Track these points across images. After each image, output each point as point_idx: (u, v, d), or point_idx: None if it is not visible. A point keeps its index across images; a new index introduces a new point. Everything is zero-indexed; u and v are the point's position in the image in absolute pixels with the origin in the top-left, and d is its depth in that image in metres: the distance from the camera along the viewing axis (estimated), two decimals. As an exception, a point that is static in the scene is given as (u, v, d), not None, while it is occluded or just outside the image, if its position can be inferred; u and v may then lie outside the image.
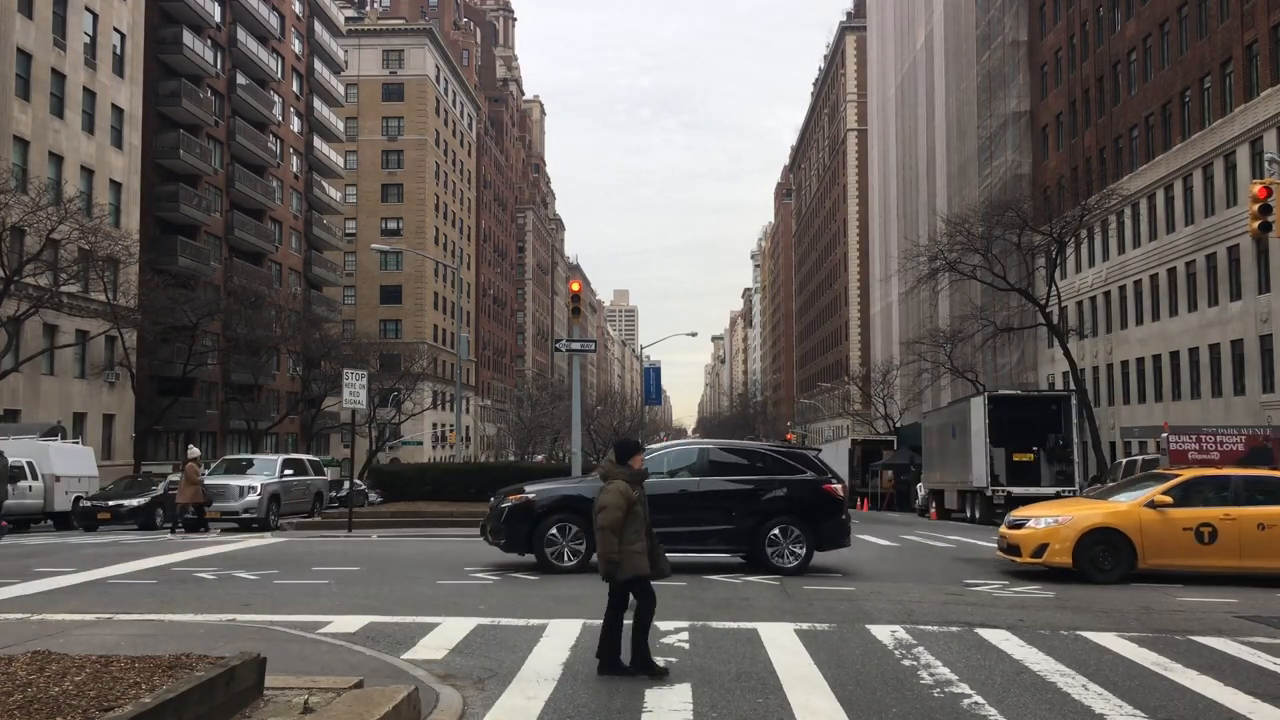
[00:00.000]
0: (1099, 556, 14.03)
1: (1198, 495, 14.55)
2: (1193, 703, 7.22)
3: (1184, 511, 14.19)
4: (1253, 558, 14.09)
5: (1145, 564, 14.07)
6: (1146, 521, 14.15)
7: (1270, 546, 14.08)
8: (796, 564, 14.51)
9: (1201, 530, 14.06)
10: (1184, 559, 14.16)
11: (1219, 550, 14.04)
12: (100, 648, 7.55)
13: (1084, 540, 14.03)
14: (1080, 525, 14.14)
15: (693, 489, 14.68)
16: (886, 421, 70.91)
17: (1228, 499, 14.41)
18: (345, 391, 23.46)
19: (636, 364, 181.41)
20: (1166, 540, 14.09)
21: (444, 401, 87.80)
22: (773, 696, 7.15)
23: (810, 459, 15.35)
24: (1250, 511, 14.16)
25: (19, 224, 34.35)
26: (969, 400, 34.64)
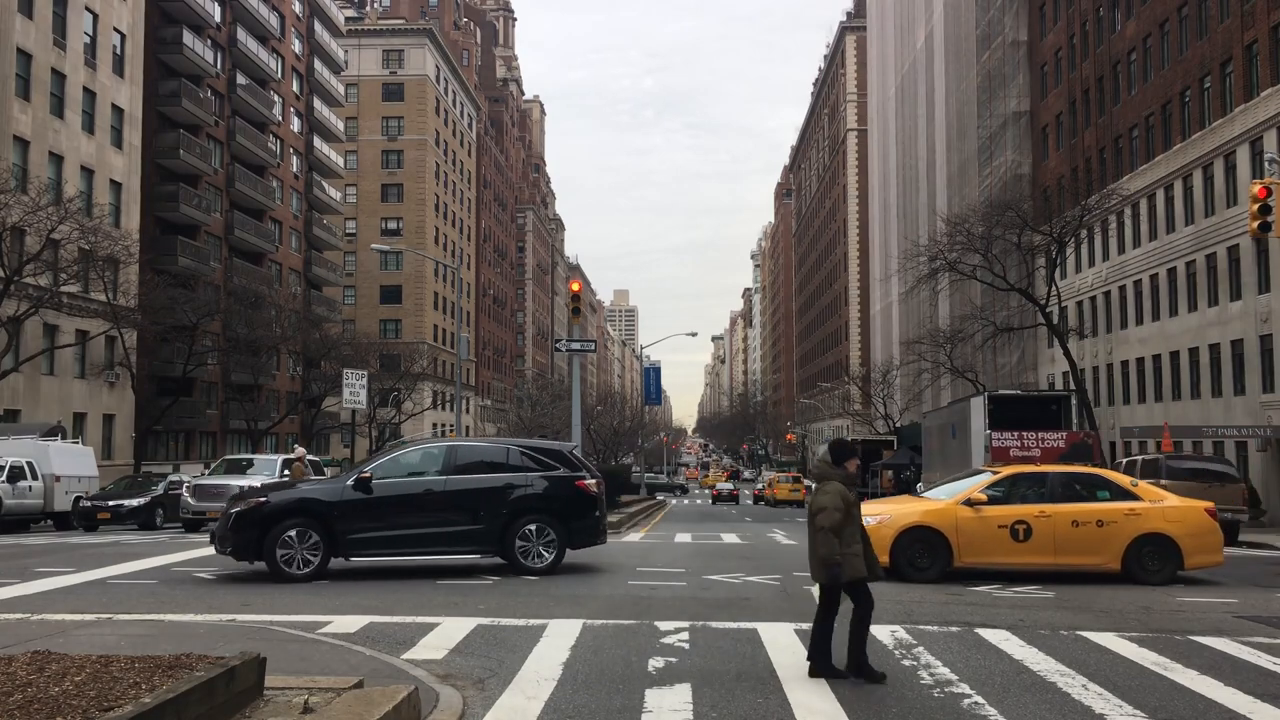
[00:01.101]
0: (915, 555, 13.92)
1: (1015, 493, 14.49)
2: (1193, 703, 7.22)
3: (999, 509, 14.12)
4: (1067, 554, 14.03)
5: (961, 562, 13.98)
6: (963, 519, 14.03)
7: (1083, 543, 14.02)
8: (547, 564, 13.98)
9: (1016, 528, 13.98)
10: (1000, 556, 14.08)
11: (1033, 547, 13.97)
12: (100, 648, 7.55)
13: (901, 539, 13.89)
14: (898, 524, 14.00)
15: (439, 488, 13.93)
16: (886, 421, 70.92)
17: (1044, 496, 14.33)
18: (345, 391, 23.53)
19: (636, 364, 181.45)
20: (982, 538, 13.99)
21: (444, 401, 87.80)
22: (773, 696, 7.15)
23: (565, 454, 14.73)
24: (1065, 509, 14.11)
25: (19, 224, 34.35)
26: (969, 400, 34.64)
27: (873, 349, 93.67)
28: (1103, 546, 14.01)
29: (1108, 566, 14.05)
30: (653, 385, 66.30)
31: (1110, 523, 14.02)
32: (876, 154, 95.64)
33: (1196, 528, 14.18)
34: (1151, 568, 14.00)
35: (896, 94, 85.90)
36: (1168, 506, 14.32)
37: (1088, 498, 14.41)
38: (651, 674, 7.81)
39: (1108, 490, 14.57)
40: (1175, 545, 14.01)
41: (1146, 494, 14.50)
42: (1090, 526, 13.99)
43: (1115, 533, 13.99)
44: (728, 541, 22.30)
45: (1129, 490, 14.47)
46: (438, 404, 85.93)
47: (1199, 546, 14.12)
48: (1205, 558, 14.25)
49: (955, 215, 47.31)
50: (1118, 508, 14.17)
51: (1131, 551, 13.98)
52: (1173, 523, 14.10)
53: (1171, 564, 14.03)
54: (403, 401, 62.17)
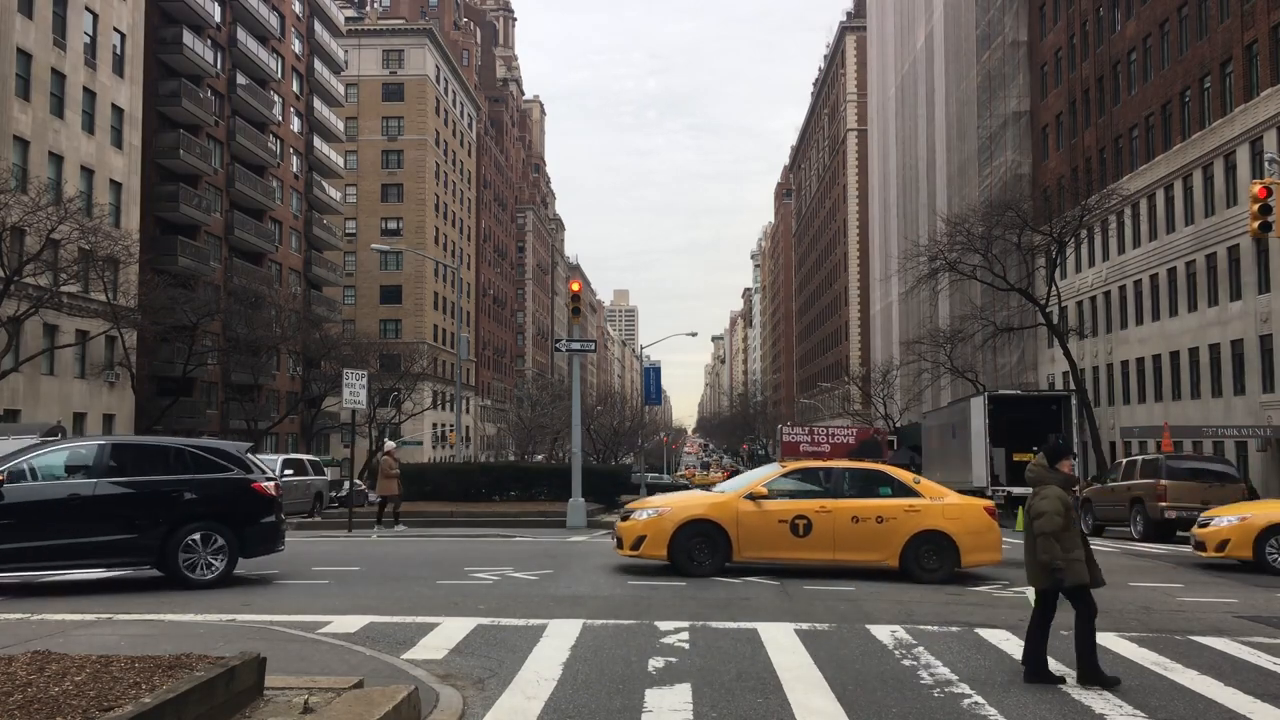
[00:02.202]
0: (694, 549, 13.80)
1: (799, 488, 14.42)
2: (1193, 703, 7.22)
3: (780, 504, 14.01)
4: (846, 551, 13.93)
5: (741, 556, 13.88)
6: (744, 514, 13.90)
7: (863, 539, 13.88)
8: (216, 576, 12.63)
9: (797, 523, 13.85)
10: (779, 552, 13.96)
11: (813, 543, 13.86)
12: (100, 648, 7.55)
13: (680, 533, 13.78)
14: (678, 517, 13.92)
15: (87, 493, 12.27)
16: (886, 421, 70.90)
17: (828, 492, 14.23)
18: (345, 391, 23.48)
19: (636, 364, 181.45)
20: (762, 532, 13.87)
21: (444, 401, 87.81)
22: (773, 696, 7.15)
23: (237, 455, 13.46)
24: (846, 504, 13.99)
25: (19, 224, 34.35)
26: (969, 400, 34.64)
27: (873, 349, 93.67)
28: (882, 543, 13.89)
29: (886, 563, 13.93)
30: (653, 385, 66.26)
31: (890, 519, 13.90)
32: (876, 154, 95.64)
33: (975, 525, 14.09)
34: (929, 565, 13.87)
35: (896, 94, 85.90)
36: (947, 504, 14.20)
37: (871, 494, 14.29)
38: (651, 674, 7.81)
39: (890, 486, 14.43)
40: (953, 543, 13.88)
41: (928, 491, 14.40)
42: (870, 523, 13.90)
43: (895, 529, 13.87)
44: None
45: (911, 487, 14.38)
46: (438, 404, 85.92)
47: (977, 544, 14.02)
48: (983, 555, 14.18)
49: (955, 215, 47.32)
50: (898, 504, 14.05)
51: (910, 549, 13.86)
52: (952, 520, 13.99)
53: (949, 562, 13.91)
54: (403, 401, 62.16)
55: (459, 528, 24.04)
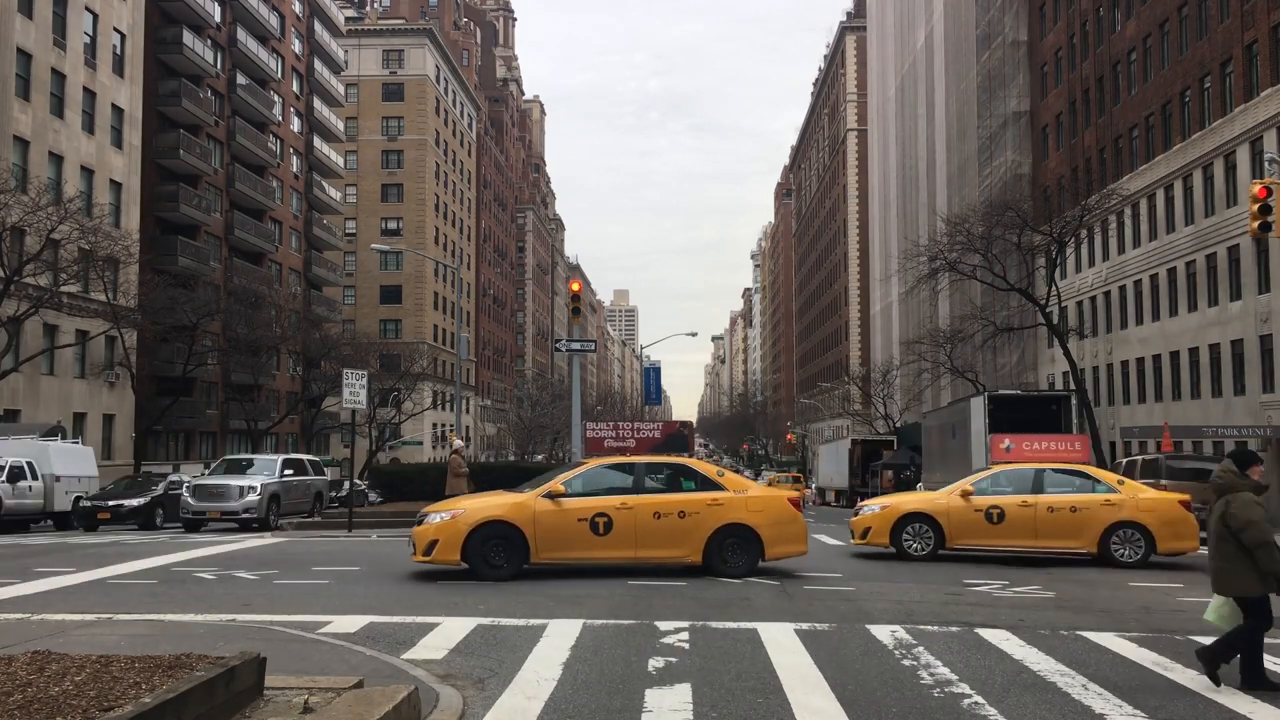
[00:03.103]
0: (490, 552, 13.26)
1: (600, 484, 13.98)
2: (1193, 703, 7.22)
3: (580, 502, 13.56)
4: (648, 547, 13.64)
5: (539, 558, 13.44)
6: (541, 513, 13.42)
7: (665, 535, 13.60)
8: None
9: (597, 521, 13.47)
10: (580, 551, 13.57)
11: (614, 541, 13.50)
12: (100, 648, 7.55)
13: (474, 536, 13.20)
14: (473, 519, 13.32)
15: None
16: (886, 421, 70.94)
17: (630, 488, 13.87)
18: (345, 391, 23.47)
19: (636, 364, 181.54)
20: (561, 532, 13.45)
21: (444, 401, 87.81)
22: (773, 696, 7.15)
23: None
24: (649, 500, 13.68)
25: (19, 224, 34.36)
26: (969, 400, 34.65)
27: (873, 349, 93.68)
28: (685, 538, 13.65)
29: (689, 559, 13.72)
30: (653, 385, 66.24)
31: (693, 514, 13.66)
32: (876, 154, 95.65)
33: (779, 517, 13.98)
34: (732, 560, 13.73)
35: (896, 94, 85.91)
36: (751, 496, 14.04)
37: (673, 488, 14.05)
38: (651, 674, 7.81)
39: (693, 480, 14.18)
40: (757, 536, 13.75)
41: (732, 484, 14.20)
42: (672, 518, 13.61)
43: (698, 524, 13.64)
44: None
45: (714, 480, 14.15)
46: (438, 404, 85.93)
47: (781, 536, 13.93)
48: (787, 548, 14.09)
49: (955, 215, 47.32)
50: (701, 498, 13.80)
51: (714, 543, 13.67)
52: (755, 513, 13.83)
53: (753, 555, 13.79)
54: (403, 401, 62.15)
55: (459, 528, 23.96)
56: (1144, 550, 16.13)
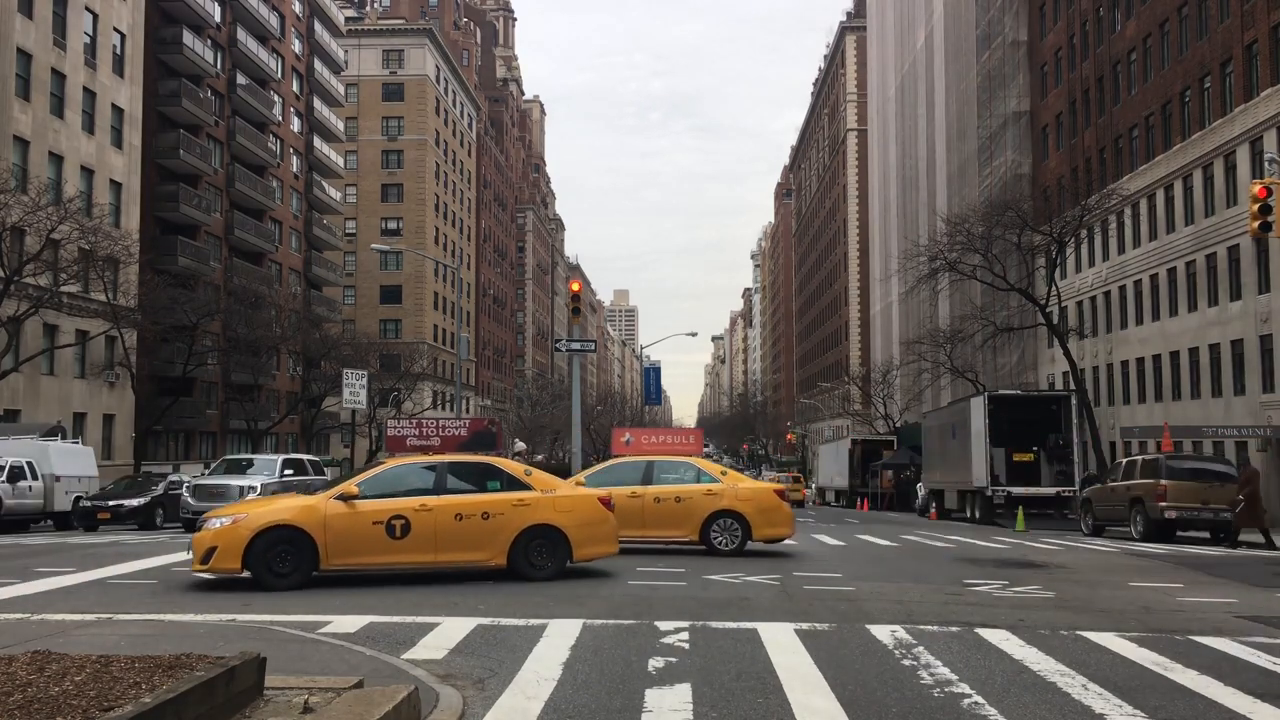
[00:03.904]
0: (274, 559, 12.38)
1: (398, 485, 13.27)
2: (1193, 703, 7.22)
3: (376, 504, 12.84)
4: (450, 551, 12.99)
5: (330, 564, 12.64)
6: (333, 516, 12.63)
7: (468, 538, 12.98)
8: None
9: (394, 523, 12.75)
10: (375, 556, 12.80)
11: (412, 545, 12.81)
12: (100, 648, 7.55)
13: (257, 542, 12.29)
14: (255, 524, 12.44)
15: None
16: (886, 421, 70.96)
17: (431, 488, 13.20)
18: (345, 391, 23.51)
19: (636, 364, 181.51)
20: (355, 536, 12.67)
21: (444, 401, 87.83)
22: (773, 696, 7.15)
23: None
24: (450, 501, 13.03)
25: (19, 224, 34.38)
26: (969, 400, 34.67)
27: (873, 349, 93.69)
28: (488, 540, 13.04)
29: (493, 562, 13.13)
30: (653, 385, 66.30)
31: (497, 515, 13.08)
32: (876, 154, 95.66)
33: (588, 518, 13.52)
34: (539, 562, 13.20)
35: (896, 94, 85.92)
36: (559, 496, 13.49)
37: (477, 489, 13.38)
38: (651, 674, 7.81)
39: (499, 480, 13.56)
40: (565, 537, 13.25)
41: (539, 483, 13.62)
42: (475, 519, 13.00)
43: (503, 525, 13.06)
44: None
45: (521, 480, 13.55)
46: (438, 404, 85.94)
47: (590, 536, 13.47)
48: (597, 548, 13.66)
49: (955, 215, 47.35)
50: (506, 498, 13.22)
51: (519, 545, 13.13)
52: (563, 513, 13.32)
53: (560, 557, 13.29)
54: (403, 401, 62.19)
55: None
56: (740, 538, 16.88)
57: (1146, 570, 16.42)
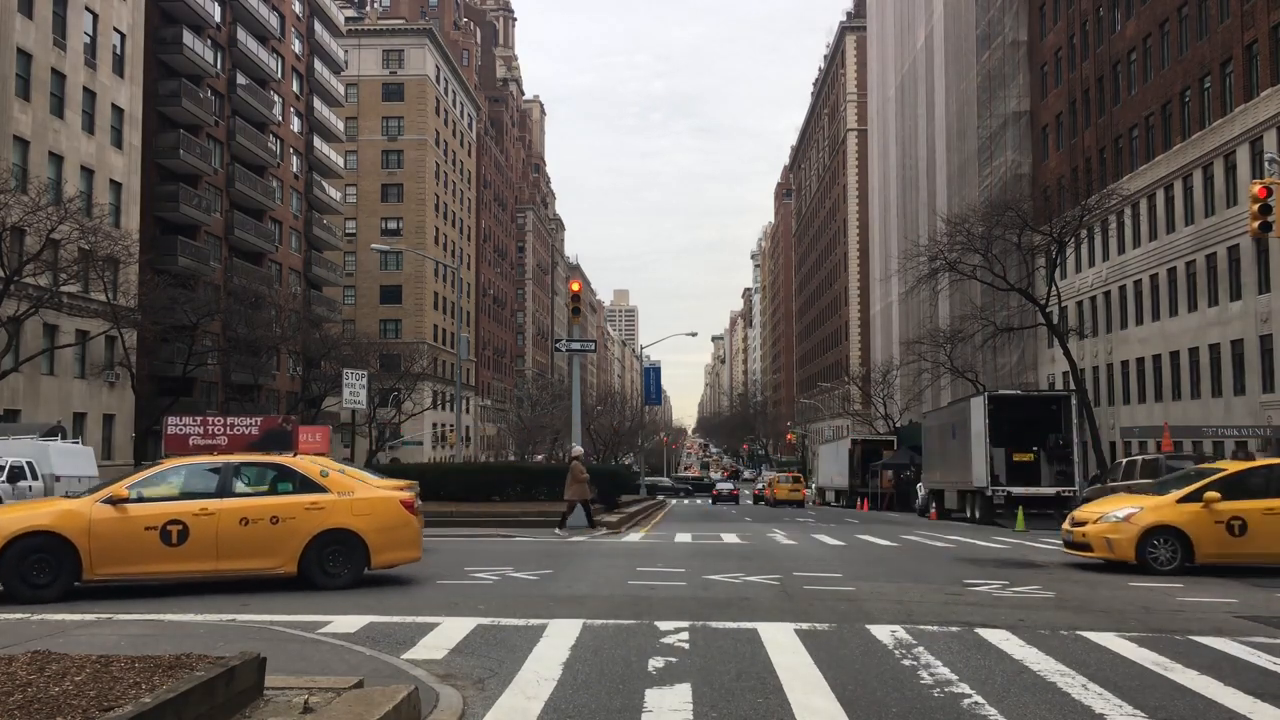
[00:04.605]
0: (30, 569, 11.37)
1: (179, 487, 12.43)
2: (1193, 703, 7.21)
3: (150, 508, 11.92)
4: (234, 558, 12.06)
5: (95, 574, 11.61)
6: (99, 522, 11.63)
7: (254, 544, 12.08)
8: None
9: (170, 529, 11.80)
10: (149, 565, 11.84)
11: (192, 552, 11.87)
12: (100, 648, 7.55)
13: (8, 550, 11.31)
14: (6, 531, 11.41)
15: None
16: (886, 421, 70.96)
17: (215, 490, 12.30)
18: (345, 391, 23.49)
19: (636, 364, 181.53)
20: (124, 543, 11.69)
21: (444, 401, 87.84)
22: (773, 696, 7.15)
23: None
24: (234, 504, 12.10)
25: (19, 224, 34.38)
26: (969, 400, 34.67)
27: (873, 349, 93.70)
28: (278, 546, 12.15)
29: (282, 569, 12.22)
30: (653, 385, 66.38)
31: (288, 519, 12.18)
32: (876, 154, 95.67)
33: (389, 521, 12.68)
34: (333, 570, 12.35)
35: (896, 94, 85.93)
36: (357, 499, 12.57)
37: (267, 491, 12.54)
38: (651, 674, 7.81)
39: (291, 482, 12.63)
40: (363, 542, 12.43)
41: (336, 485, 12.65)
42: (263, 524, 12.08)
43: (294, 530, 12.18)
44: (728, 541, 22.29)
45: (316, 481, 12.60)
46: (438, 404, 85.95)
47: (390, 542, 12.67)
48: (397, 554, 12.89)
49: (955, 215, 47.35)
50: (297, 501, 12.34)
51: (312, 551, 12.23)
52: (361, 517, 12.46)
53: (357, 563, 12.49)
54: (403, 401, 62.19)
55: (459, 527, 24.03)
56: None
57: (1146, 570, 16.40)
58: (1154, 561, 15.24)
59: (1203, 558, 15.31)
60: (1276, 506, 15.15)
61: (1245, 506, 15.20)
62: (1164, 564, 15.21)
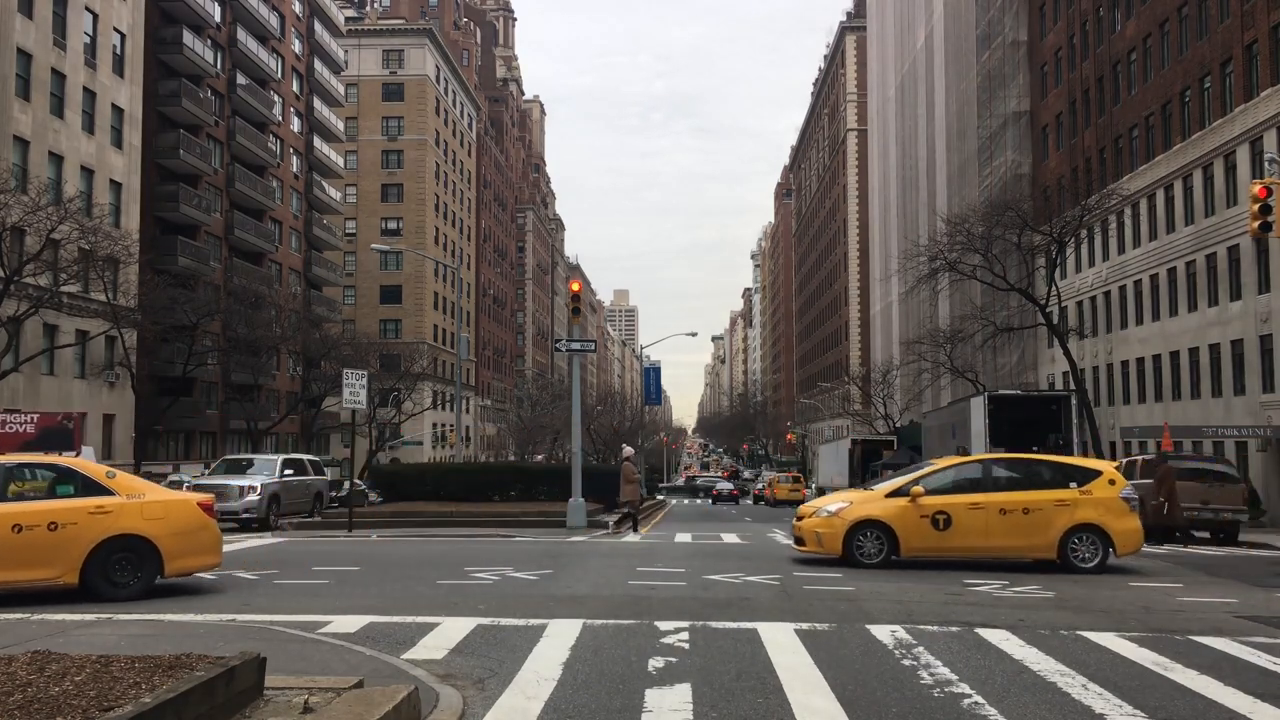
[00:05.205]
0: None
1: None
2: (1193, 703, 7.22)
3: None
4: (3, 569, 11.02)
5: None
6: None
7: (27, 552, 11.07)
8: None
9: None
10: None
11: None
12: (100, 648, 7.55)
13: None
14: None
15: None
16: (886, 421, 70.92)
17: None
18: (345, 391, 23.47)
19: (636, 364, 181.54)
20: None
21: (444, 401, 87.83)
22: (773, 696, 7.15)
23: None
24: (6, 510, 11.11)
25: (19, 224, 34.36)
26: (969, 400, 34.66)
27: (873, 349, 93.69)
28: (56, 555, 11.13)
29: (62, 580, 11.24)
30: (653, 385, 66.37)
31: (68, 525, 11.19)
32: (876, 154, 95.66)
33: (184, 525, 11.87)
34: (120, 579, 11.44)
35: (896, 94, 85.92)
36: (148, 502, 11.76)
37: (45, 495, 11.58)
38: (651, 674, 7.81)
39: (73, 484, 11.69)
40: (154, 548, 11.55)
41: (123, 487, 11.80)
42: (39, 531, 11.06)
43: (75, 536, 11.19)
44: (728, 541, 22.29)
45: (102, 484, 11.72)
46: (438, 404, 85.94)
47: (187, 548, 11.82)
48: (195, 560, 12.03)
49: (955, 215, 47.33)
50: (80, 505, 11.39)
51: (96, 559, 11.28)
52: (153, 521, 11.61)
53: (149, 571, 11.62)
54: (403, 401, 62.18)
55: (459, 528, 24.04)
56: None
57: (1146, 570, 16.41)
58: (860, 555, 15.43)
59: (908, 551, 15.49)
60: (981, 501, 15.35)
61: (950, 501, 15.40)
62: (870, 558, 15.38)
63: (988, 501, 15.42)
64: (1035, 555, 15.59)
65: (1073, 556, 15.28)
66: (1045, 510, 15.32)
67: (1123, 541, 15.39)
